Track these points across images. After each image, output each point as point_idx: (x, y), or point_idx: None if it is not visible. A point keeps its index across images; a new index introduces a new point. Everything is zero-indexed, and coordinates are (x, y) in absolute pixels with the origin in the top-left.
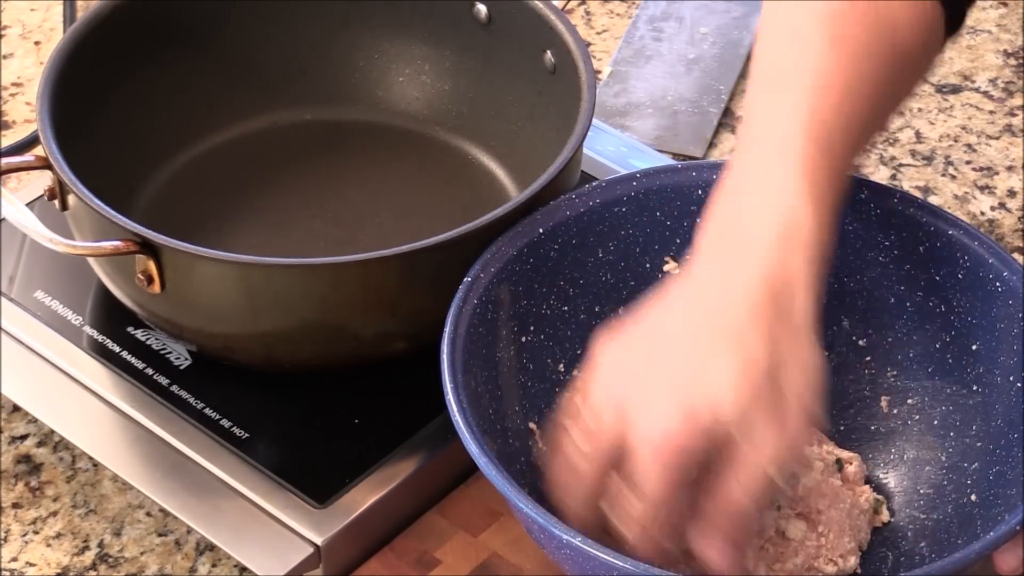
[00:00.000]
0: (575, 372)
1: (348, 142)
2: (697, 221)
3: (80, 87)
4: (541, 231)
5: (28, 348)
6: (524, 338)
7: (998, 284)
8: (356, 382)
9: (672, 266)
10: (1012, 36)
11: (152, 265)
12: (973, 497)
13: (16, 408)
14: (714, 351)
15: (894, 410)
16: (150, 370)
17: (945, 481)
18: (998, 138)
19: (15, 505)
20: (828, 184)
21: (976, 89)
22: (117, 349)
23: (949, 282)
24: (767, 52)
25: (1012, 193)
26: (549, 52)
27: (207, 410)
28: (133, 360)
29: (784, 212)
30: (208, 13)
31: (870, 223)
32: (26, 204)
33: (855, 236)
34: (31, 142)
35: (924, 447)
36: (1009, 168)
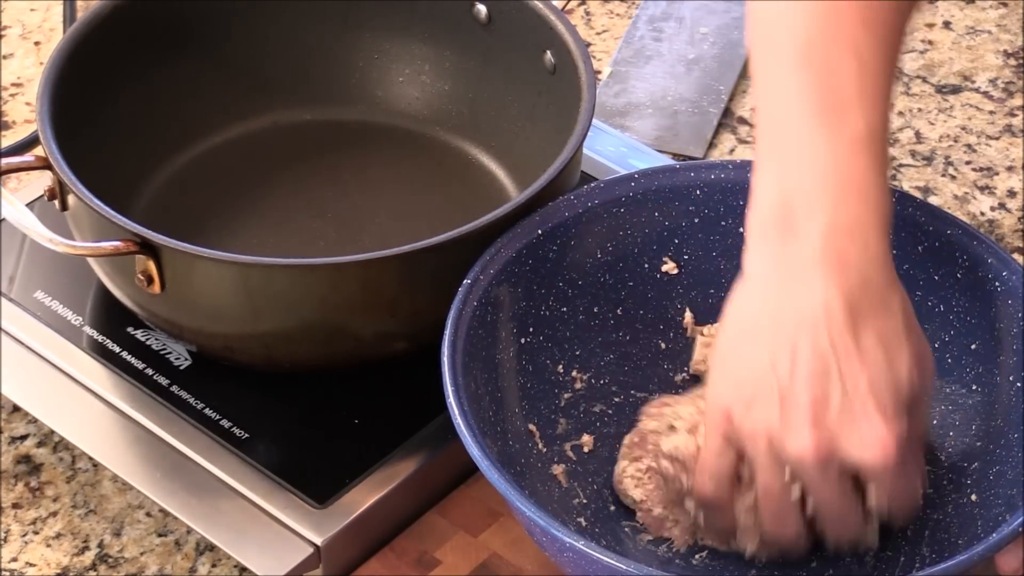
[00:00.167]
0: (575, 373)
1: (348, 142)
2: (696, 221)
3: (80, 87)
4: (540, 232)
5: (28, 348)
6: (523, 339)
7: (997, 284)
8: (356, 382)
9: (671, 266)
10: (1012, 36)
11: (152, 265)
12: (973, 497)
13: (16, 408)
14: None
15: None
16: (150, 370)
17: (945, 481)
18: (998, 138)
19: (15, 505)
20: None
21: (976, 89)
22: (117, 349)
23: (948, 282)
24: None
25: (1012, 193)
26: (549, 52)
27: (207, 410)
28: (133, 360)
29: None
30: (208, 13)
31: None
32: (26, 204)
33: None
34: (31, 142)
35: (924, 447)
36: (1009, 168)
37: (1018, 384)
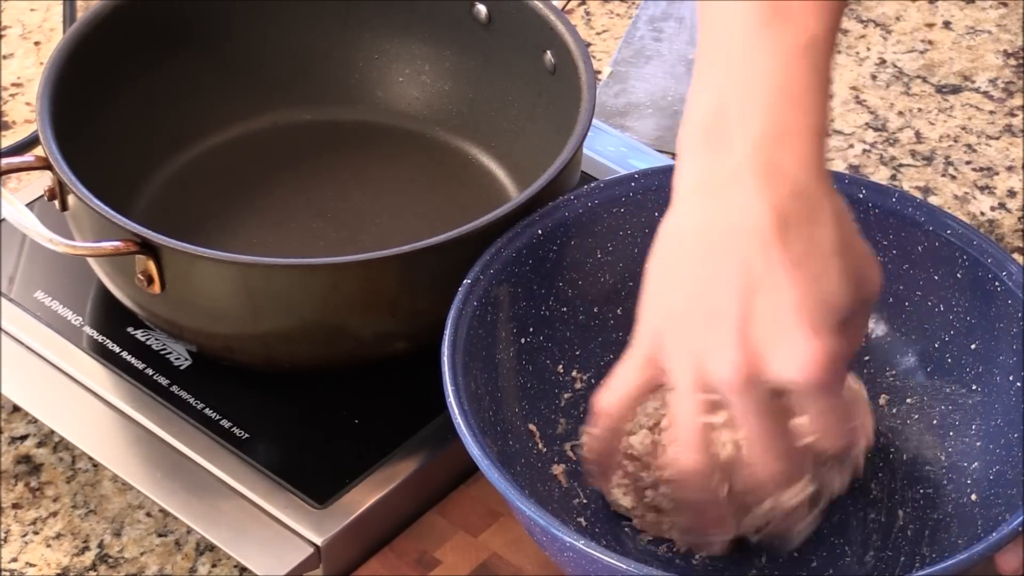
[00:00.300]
0: (574, 373)
1: (348, 142)
2: None
3: (80, 87)
4: (540, 232)
5: (28, 348)
6: (523, 339)
7: (997, 284)
8: (356, 382)
9: None
10: (1012, 36)
11: (152, 265)
12: (973, 497)
13: (16, 408)
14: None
15: (893, 409)
16: (150, 370)
17: (945, 481)
18: (998, 138)
19: (15, 505)
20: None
21: (976, 89)
22: (117, 349)
23: (948, 282)
24: None
25: (1012, 193)
26: (549, 52)
27: (207, 410)
28: (133, 360)
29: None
30: (208, 13)
31: (869, 223)
32: (26, 204)
33: None
34: (31, 142)
35: (924, 447)
36: (1009, 168)
37: (1018, 384)
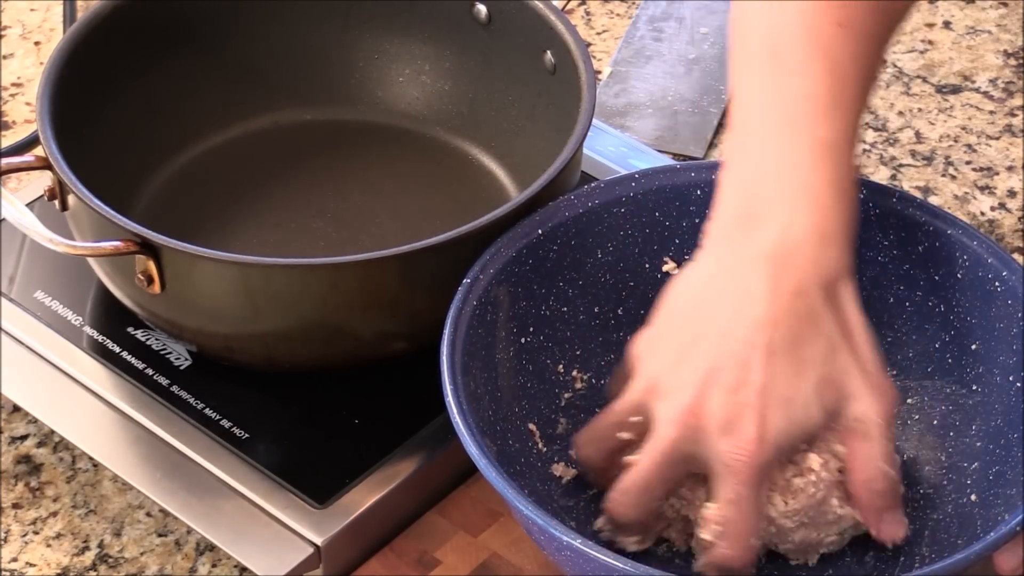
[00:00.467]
0: (575, 373)
1: (348, 142)
2: (697, 221)
3: (80, 87)
4: (540, 232)
5: (28, 348)
6: (523, 339)
7: (997, 284)
8: (356, 382)
9: (671, 266)
10: (1012, 36)
11: (152, 265)
12: (973, 497)
13: (16, 408)
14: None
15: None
16: (150, 370)
17: (945, 481)
18: (998, 138)
19: (15, 505)
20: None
21: (976, 89)
22: (117, 349)
23: (948, 282)
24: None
25: (1012, 193)
26: (549, 52)
27: (207, 410)
28: (133, 360)
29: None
30: (208, 13)
31: (869, 223)
32: (26, 204)
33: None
34: (31, 142)
35: (924, 447)
36: (1009, 168)
37: (1018, 384)
